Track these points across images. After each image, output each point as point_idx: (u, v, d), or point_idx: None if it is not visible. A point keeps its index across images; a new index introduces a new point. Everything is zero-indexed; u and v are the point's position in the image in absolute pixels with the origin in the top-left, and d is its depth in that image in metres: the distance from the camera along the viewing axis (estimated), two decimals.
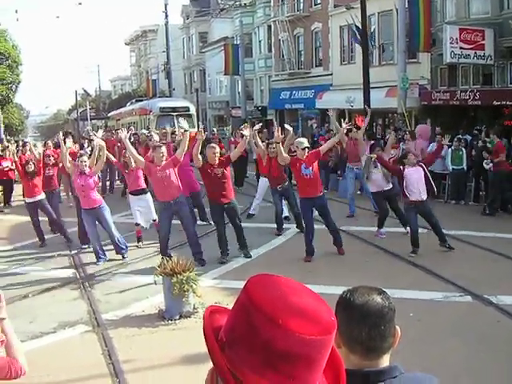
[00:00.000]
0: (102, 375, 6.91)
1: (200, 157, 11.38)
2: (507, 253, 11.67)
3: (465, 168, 17.79)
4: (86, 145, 22.40)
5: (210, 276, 10.86)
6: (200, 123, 21.55)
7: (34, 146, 16.64)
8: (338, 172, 20.87)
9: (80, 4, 45.41)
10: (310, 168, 11.50)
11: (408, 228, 12.69)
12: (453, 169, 17.90)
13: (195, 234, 11.92)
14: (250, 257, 11.98)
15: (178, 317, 8.54)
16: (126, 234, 13.40)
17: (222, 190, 11.54)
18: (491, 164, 16.28)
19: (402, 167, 11.80)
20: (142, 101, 39.87)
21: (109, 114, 50.74)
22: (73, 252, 13.22)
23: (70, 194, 17.62)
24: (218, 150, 11.66)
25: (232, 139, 25.73)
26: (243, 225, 12.37)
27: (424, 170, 11.84)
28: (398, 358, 6.80)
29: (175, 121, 29.99)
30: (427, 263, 11.12)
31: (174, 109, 31.74)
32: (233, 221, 12.00)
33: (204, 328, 1.61)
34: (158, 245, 12.05)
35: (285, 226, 14.45)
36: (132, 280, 10.87)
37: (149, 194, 13.39)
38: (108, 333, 8.22)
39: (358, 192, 18.04)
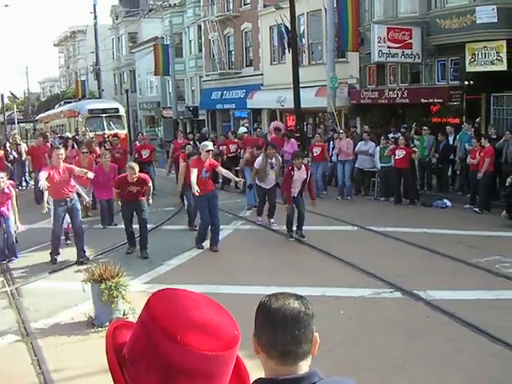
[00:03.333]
0: None
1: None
2: (435, 248, 11.94)
3: (393, 165, 18.08)
4: (8, 149, 21.97)
5: (141, 280, 10.69)
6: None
7: None
8: None
9: (7, 6, 44.54)
10: (208, 173, 12.48)
11: (272, 220, 14.61)
12: (381, 166, 18.19)
13: (81, 227, 12.36)
14: (147, 258, 12.23)
15: (107, 324, 8.37)
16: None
17: (134, 195, 12.36)
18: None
19: (292, 171, 13.00)
20: (70, 102, 39.12)
21: (37, 117, 49.67)
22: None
23: None
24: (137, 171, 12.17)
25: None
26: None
27: (307, 173, 13.14)
28: (332, 356, 6.79)
29: (104, 122, 29.67)
30: (356, 260, 11.24)
31: (103, 110, 31.25)
32: (140, 219, 12.57)
33: (106, 344, 1.57)
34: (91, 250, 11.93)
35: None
36: (61, 287, 10.61)
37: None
38: (37, 342, 8.02)
39: None
